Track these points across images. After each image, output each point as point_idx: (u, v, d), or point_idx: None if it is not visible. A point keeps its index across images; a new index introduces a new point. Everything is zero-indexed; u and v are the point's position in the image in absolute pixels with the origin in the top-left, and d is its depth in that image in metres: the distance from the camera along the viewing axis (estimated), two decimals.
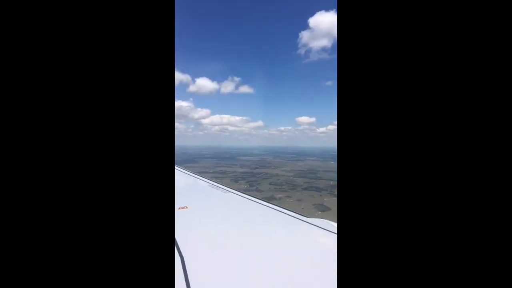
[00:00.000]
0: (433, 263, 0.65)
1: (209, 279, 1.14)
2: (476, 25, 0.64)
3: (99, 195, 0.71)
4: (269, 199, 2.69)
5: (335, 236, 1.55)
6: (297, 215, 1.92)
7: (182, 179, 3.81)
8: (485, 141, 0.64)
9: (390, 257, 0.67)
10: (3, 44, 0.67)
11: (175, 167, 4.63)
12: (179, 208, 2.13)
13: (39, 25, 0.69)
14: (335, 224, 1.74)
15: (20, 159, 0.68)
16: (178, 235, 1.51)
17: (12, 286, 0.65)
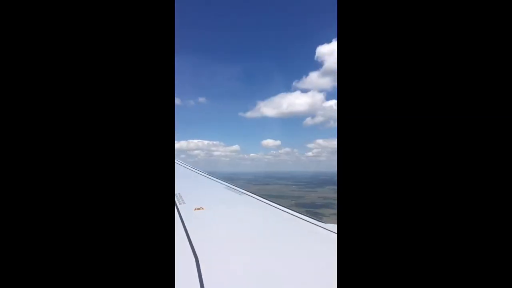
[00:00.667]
0: (432, 264, 0.65)
1: (223, 280, 1.15)
2: (476, 26, 0.66)
3: (99, 195, 0.71)
4: None
5: None
6: (311, 219, 1.95)
7: (195, 178, 3.94)
8: (485, 143, 0.65)
9: (389, 258, 0.67)
10: (3, 44, 0.67)
11: (188, 167, 4.81)
12: (195, 209, 2.22)
13: (39, 25, 0.69)
14: None
15: (22, 158, 0.68)
16: (194, 236, 1.59)
17: (12, 286, 0.64)
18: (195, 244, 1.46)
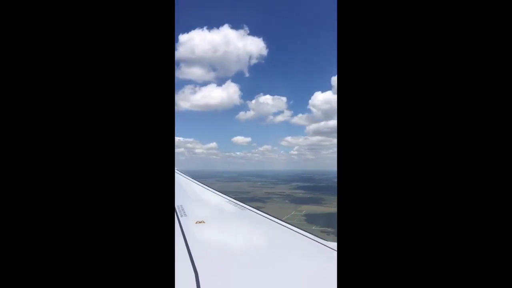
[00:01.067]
0: (433, 265, 0.65)
1: None
2: (476, 27, 0.66)
3: (99, 198, 0.70)
4: None
5: None
6: (316, 237, 1.93)
7: (197, 191, 4.08)
8: (485, 143, 0.65)
9: (390, 257, 0.67)
10: (3, 44, 0.67)
11: (188, 178, 5.00)
12: (196, 222, 2.23)
13: (39, 25, 0.69)
14: None
15: (20, 162, 0.67)
16: (194, 250, 1.57)
17: (12, 286, 0.65)
18: (196, 260, 1.46)
